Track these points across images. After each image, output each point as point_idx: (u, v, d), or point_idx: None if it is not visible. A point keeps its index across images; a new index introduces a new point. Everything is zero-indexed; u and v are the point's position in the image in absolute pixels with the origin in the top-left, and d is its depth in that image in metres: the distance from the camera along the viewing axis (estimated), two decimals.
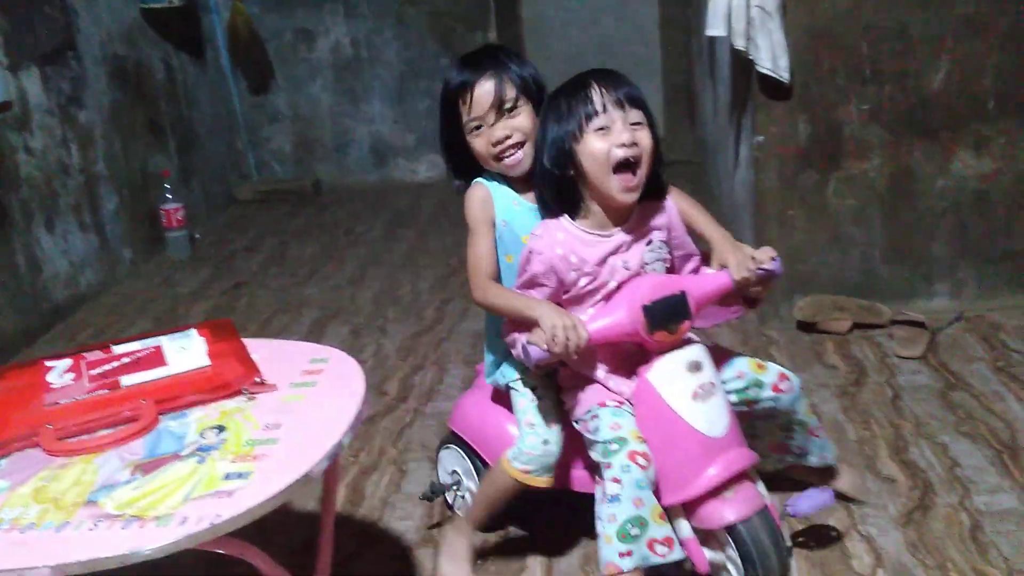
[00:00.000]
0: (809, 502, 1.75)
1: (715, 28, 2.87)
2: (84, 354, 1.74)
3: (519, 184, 1.84)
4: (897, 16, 2.76)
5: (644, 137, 1.67)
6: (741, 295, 1.81)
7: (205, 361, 1.68)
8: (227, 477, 1.34)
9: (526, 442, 1.83)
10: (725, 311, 2.50)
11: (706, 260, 1.84)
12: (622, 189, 1.67)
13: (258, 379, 1.61)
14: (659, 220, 1.78)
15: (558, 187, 1.73)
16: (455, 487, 2.12)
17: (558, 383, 1.87)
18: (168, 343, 1.76)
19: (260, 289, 3.95)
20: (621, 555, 1.62)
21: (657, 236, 1.77)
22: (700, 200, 1.90)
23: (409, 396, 2.83)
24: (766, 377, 1.81)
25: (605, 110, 1.66)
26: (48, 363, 1.71)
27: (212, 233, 4.85)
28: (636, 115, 1.67)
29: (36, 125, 3.69)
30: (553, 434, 1.83)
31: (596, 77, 1.69)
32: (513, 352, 1.78)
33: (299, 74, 5.42)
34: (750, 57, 2.78)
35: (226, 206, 5.27)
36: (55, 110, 3.83)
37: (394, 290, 3.79)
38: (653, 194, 1.76)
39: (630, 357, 1.76)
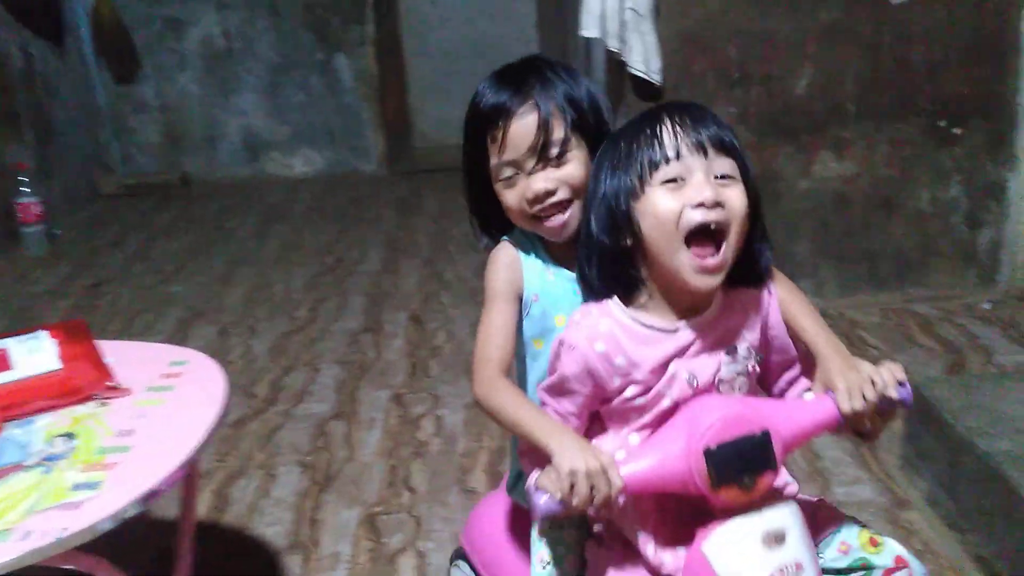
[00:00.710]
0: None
1: (589, 29, 2.89)
2: None
3: (561, 251, 1.33)
4: (764, 22, 2.85)
5: (735, 197, 1.16)
6: (850, 428, 1.24)
7: (56, 364, 1.59)
8: (75, 487, 1.27)
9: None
10: None
11: (804, 370, 1.30)
12: (697, 269, 1.15)
13: (111, 383, 1.53)
14: (751, 317, 1.25)
15: (608, 261, 1.22)
16: None
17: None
18: (15, 345, 1.66)
19: (123, 287, 3.79)
20: None
21: (744, 340, 1.24)
22: None
23: (279, 398, 2.76)
24: (879, 559, 1.25)
25: (679, 156, 1.16)
26: None
27: (73, 229, 4.63)
28: (725, 165, 1.17)
29: None
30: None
31: (671, 111, 1.19)
32: (528, 490, 1.18)
33: (167, 64, 5.24)
34: (623, 58, 2.82)
35: (89, 200, 5.05)
36: None
37: (265, 288, 3.70)
38: (746, 278, 1.24)
39: (682, 516, 1.20)
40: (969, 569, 1.81)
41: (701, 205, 1.13)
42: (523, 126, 1.26)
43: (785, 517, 1.16)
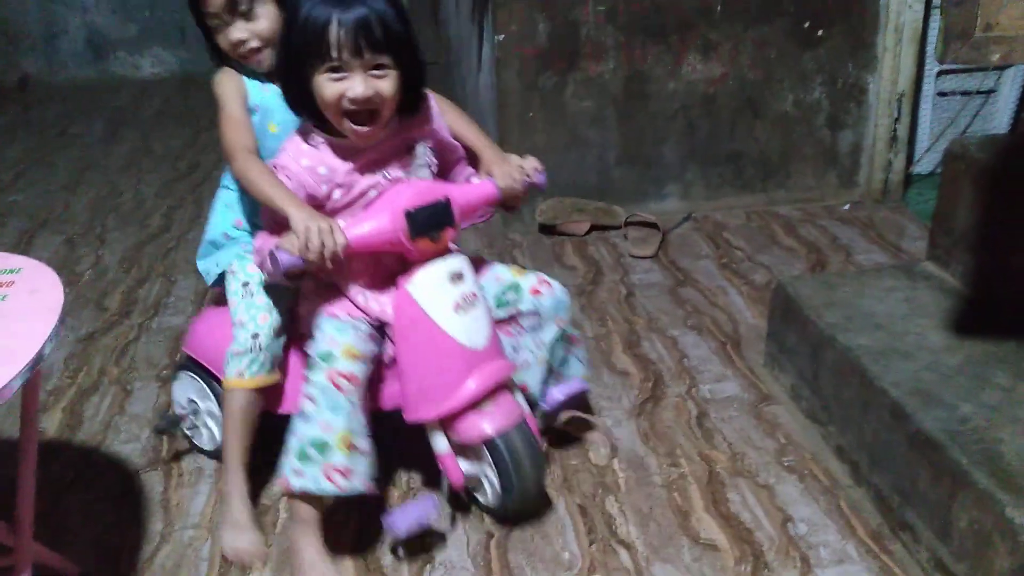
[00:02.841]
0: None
1: None
2: None
3: (269, 76, 1.72)
4: None
5: (386, 86, 1.52)
6: (504, 204, 1.76)
7: None
8: None
9: (237, 341, 1.70)
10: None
11: (472, 166, 1.80)
12: (355, 135, 1.56)
13: None
14: (424, 128, 1.69)
15: (299, 104, 1.58)
16: (192, 416, 1.91)
17: (296, 289, 1.74)
18: None
19: None
20: (295, 472, 1.56)
21: (421, 144, 1.68)
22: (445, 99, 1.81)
23: (133, 311, 2.61)
24: (524, 281, 1.77)
25: (341, 55, 1.48)
26: None
27: None
28: (380, 59, 1.51)
29: None
30: (264, 329, 1.71)
31: (339, 4, 1.47)
32: (256, 261, 1.64)
33: None
34: None
35: None
36: None
37: (114, 196, 3.49)
38: (412, 112, 1.64)
39: (387, 274, 1.66)
40: (829, 459, 1.87)
41: (355, 100, 1.51)
42: None
43: (462, 262, 1.65)
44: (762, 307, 2.42)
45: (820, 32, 2.98)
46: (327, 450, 1.55)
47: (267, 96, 1.72)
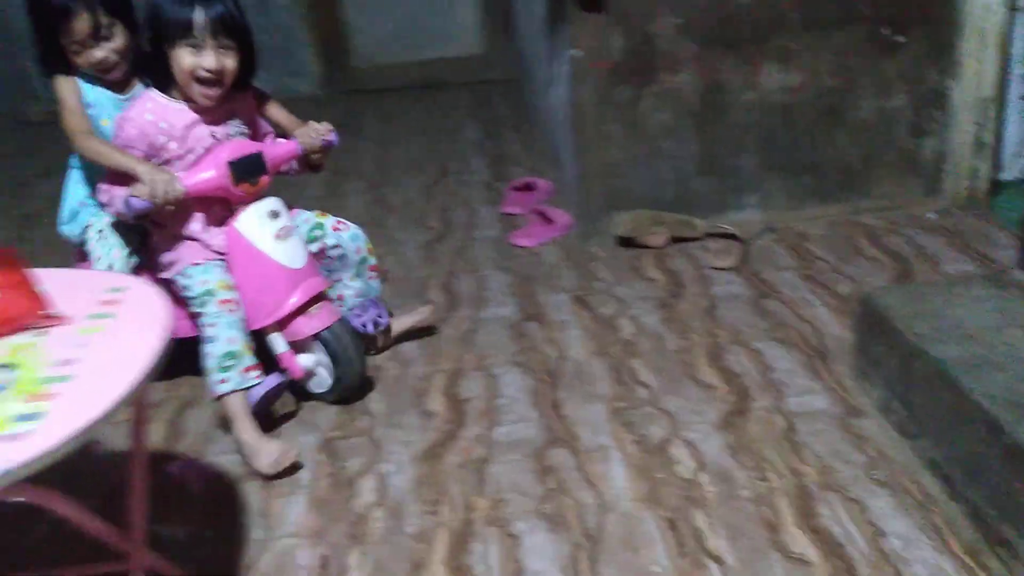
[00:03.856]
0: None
1: None
2: None
3: (107, 82, 2.24)
4: None
5: (230, 62, 2.03)
6: (307, 161, 2.27)
7: None
8: (19, 419, 1.21)
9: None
10: (551, 229, 2.77)
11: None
12: (203, 97, 2.05)
13: (46, 311, 1.47)
14: (239, 104, 2.18)
15: (153, 73, 2.09)
16: None
17: (151, 245, 2.25)
18: None
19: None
20: (221, 382, 2.03)
21: (238, 116, 2.17)
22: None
23: None
24: (327, 221, 2.33)
25: (199, 33, 1.98)
26: None
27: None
28: (228, 40, 2.01)
29: None
30: (118, 261, 2.24)
31: (202, 2, 1.96)
32: (111, 210, 2.12)
33: None
34: None
35: (14, 130, 4.85)
36: None
37: None
38: (240, 88, 2.13)
39: (220, 216, 2.15)
40: (921, 473, 1.85)
41: (209, 70, 2.00)
42: (81, 21, 2.12)
43: (277, 203, 2.16)
44: (848, 319, 2.40)
45: (900, 38, 2.94)
46: (239, 356, 2.05)
47: (99, 95, 2.23)
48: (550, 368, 2.35)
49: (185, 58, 2.00)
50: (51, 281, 1.57)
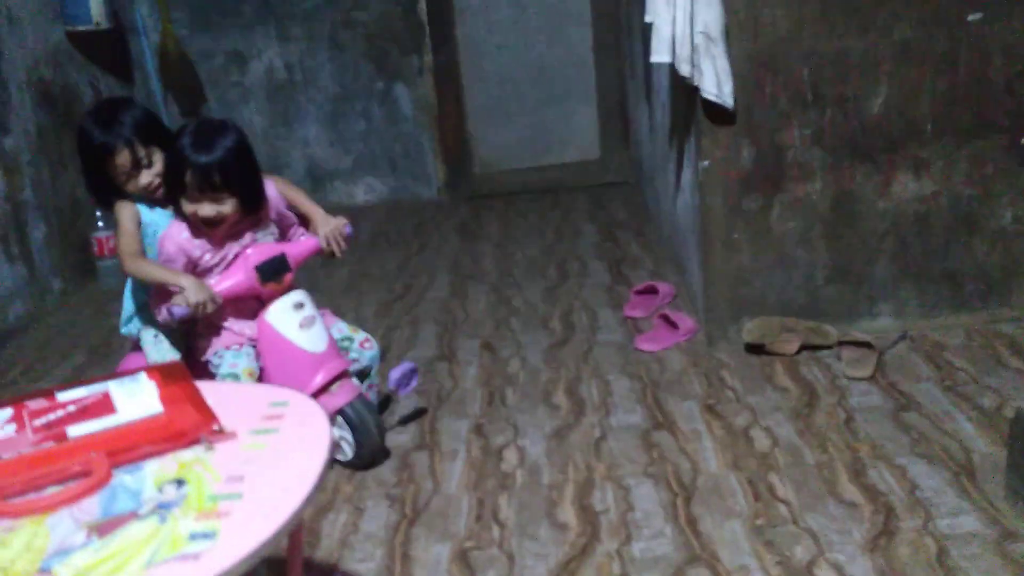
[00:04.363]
0: (396, 372, 2.62)
1: (660, 55, 2.88)
2: (26, 402, 1.64)
3: (157, 201, 2.44)
4: (836, 42, 2.81)
5: (226, 209, 2.29)
6: (326, 252, 2.54)
7: (158, 407, 1.60)
8: (192, 537, 1.26)
9: None
10: (676, 334, 2.83)
11: (306, 226, 2.60)
12: (210, 235, 2.34)
13: (217, 426, 1.53)
14: (269, 210, 2.44)
15: (178, 208, 2.34)
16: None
17: (193, 332, 2.48)
18: (116, 388, 1.67)
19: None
20: None
21: (267, 219, 2.45)
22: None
23: None
24: (357, 336, 2.61)
25: (201, 192, 2.25)
26: None
27: None
28: (221, 195, 2.26)
29: None
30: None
31: (194, 155, 2.23)
32: (159, 318, 2.36)
33: (231, 97, 5.32)
34: (695, 84, 2.79)
35: None
36: None
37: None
38: (252, 211, 2.37)
39: (252, 308, 2.43)
40: None
41: (205, 217, 2.28)
42: (123, 157, 2.34)
43: (302, 295, 2.45)
44: (995, 434, 2.32)
45: None
46: None
47: (155, 215, 2.43)
48: (684, 481, 2.33)
49: (186, 206, 2.29)
50: (213, 394, 1.65)
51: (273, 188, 2.49)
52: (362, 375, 2.64)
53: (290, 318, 2.40)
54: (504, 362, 3.17)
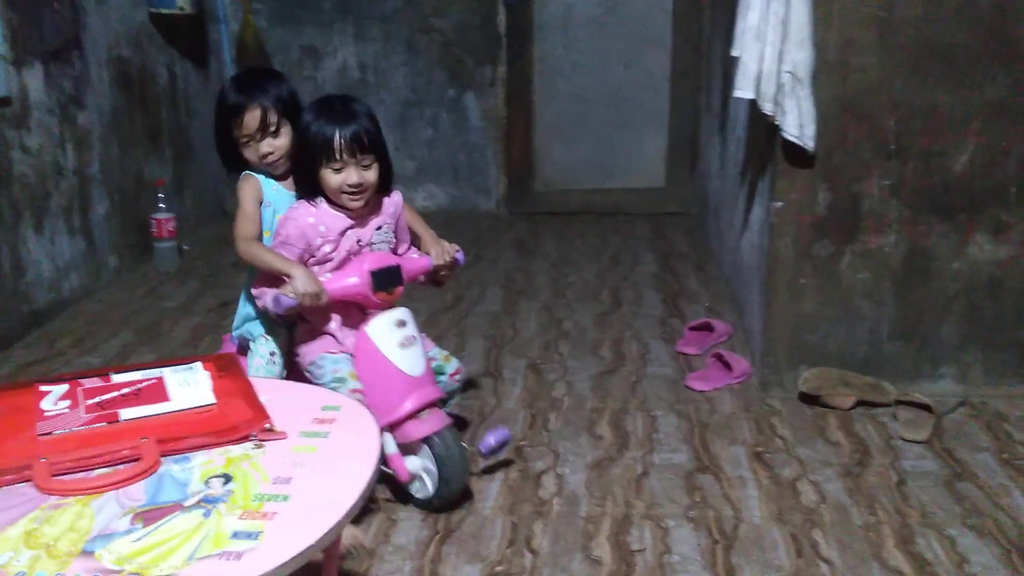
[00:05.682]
0: (492, 437, 2.40)
1: (744, 90, 2.82)
2: (81, 380, 1.65)
3: (280, 177, 2.38)
4: (927, 94, 2.74)
5: (371, 175, 2.24)
6: (434, 277, 2.46)
7: (210, 399, 1.59)
8: (235, 536, 1.24)
9: None
10: (729, 375, 2.88)
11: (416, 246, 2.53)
12: (352, 202, 2.25)
13: (268, 425, 1.52)
14: (389, 211, 2.37)
15: (309, 187, 2.27)
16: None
17: (294, 339, 2.41)
18: (171, 375, 1.67)
19: None
20: None
21: (386, 223, 2.36)
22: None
23: None
24: (448, 367, 2.48)
25: (341, 156, 2.19)
26: (43, 387, 1.61)
27: (200, 245, 4.74)
28: (367, 158, 2.22)
29: (34, 123, 3.59)
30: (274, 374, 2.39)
31: (339, 122, 2.18)
32: (259, 303, 2.29)
33: (302, 92, 5.29)
34: (776, 122, 2.74)
35: (215, 218, 5.17)
36: (55, 109, 3.73)
37: None
38: (383, 192, 2.34)
39: (354, 318, 2.32)
40: None
41: (352, 185, 2.22)
42: (253, 115, 2.28)
43: (405, 313, 2.34)
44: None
45: None
46: None
47: (275, 194, 2.36)
48: (725, 528, 2.27)
49: (331, 177, 2.22)
50: (265, 391, 1.64)
51: (400, 199, 2.43)
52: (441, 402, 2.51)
53: (391, 335, 2.27)
54: (550, 385, 3.13)
